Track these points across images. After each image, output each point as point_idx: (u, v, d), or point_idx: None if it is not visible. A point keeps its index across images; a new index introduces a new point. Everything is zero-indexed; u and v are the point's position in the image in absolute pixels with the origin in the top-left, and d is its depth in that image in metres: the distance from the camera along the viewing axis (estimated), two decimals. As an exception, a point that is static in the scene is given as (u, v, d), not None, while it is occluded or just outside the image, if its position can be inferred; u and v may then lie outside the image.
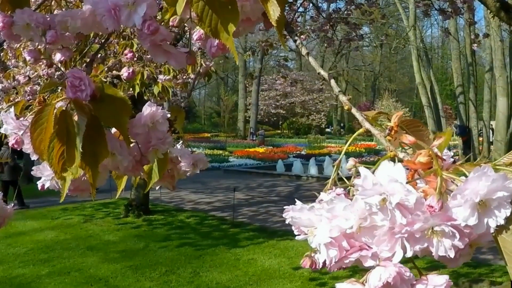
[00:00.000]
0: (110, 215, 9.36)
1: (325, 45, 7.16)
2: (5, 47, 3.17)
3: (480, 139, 19.41)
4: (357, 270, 0.70)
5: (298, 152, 22.06)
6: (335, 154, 20.31)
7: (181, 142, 1.14)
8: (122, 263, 6.31)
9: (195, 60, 0.75)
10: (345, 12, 6.32)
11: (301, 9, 6.39)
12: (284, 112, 38.71)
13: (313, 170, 15.63)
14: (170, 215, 9.33)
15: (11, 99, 3.04)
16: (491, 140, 18.91)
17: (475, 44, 7.67)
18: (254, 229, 8.18)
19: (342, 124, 43.66)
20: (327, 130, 41.25)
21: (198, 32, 0.76)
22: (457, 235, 0.58)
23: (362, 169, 0.61)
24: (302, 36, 5.88)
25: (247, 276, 5.79)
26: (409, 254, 0.60)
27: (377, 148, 22.37)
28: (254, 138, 31.04)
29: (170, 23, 0.70)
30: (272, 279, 5.67)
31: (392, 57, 43.20)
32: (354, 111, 0.72)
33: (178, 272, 5.95)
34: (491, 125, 19.60)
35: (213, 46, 0.74)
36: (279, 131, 39.98)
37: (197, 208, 10.17)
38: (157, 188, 1.11)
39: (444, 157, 0.68)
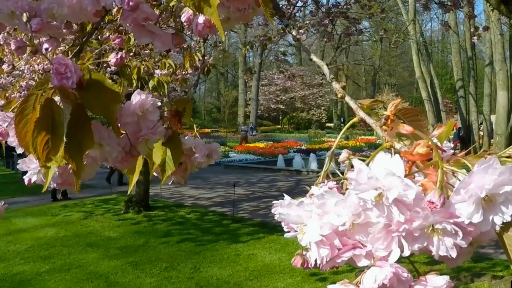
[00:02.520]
0: (110, 211, 9.34)
1: (325, 39, 7.12)
2: (1, 43, 3.14)
3: (480, 133, 19.39)
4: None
5: (298, 147, 22.03)
6: (335, 149, 20.25)
7: (190, 134, 1.09)
8: (122, 259, 6.30)
9: (182, 40, 0.72)
10: (345, 7, 6.29)
11: (299, 4, 6.35)
12: (284, 107, 38.69)
13: (313, 165, 15.61)
14: (171, 211, 9.32)
15: (7, 95, 3.01)
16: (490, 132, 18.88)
17: (475, 37, 7.63)
18: (255, 224, 8.17)
19: (342, 119, 43.62)
20: (329, 124, 41.19)
21: (186, 13, 0.74)
22: (460, 234, 0.53)
23: (355, 161, 0.56)
24: (301, 31, 5.85)
25: (247, 272, 5.78)
26: (407, 253, 0.55)
27: (377, 142, 22.34)
28: (254, 134, 30.98)
29: (150, -5, 0.68)
30: (272, 274, 5.66)
31: (392, 52, 43.11)
32: (347, 99, 0.68)
33: (179, 268, 5.93)
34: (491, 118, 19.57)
35: (199, 24, 0.71)
36: (279, 126, 39.98)
37: (198, 204, 10.16)
38: (169, 183, 1.05)
39: (444, 149, 0.63)
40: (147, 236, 7.47)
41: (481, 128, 19.48)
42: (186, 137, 1.06)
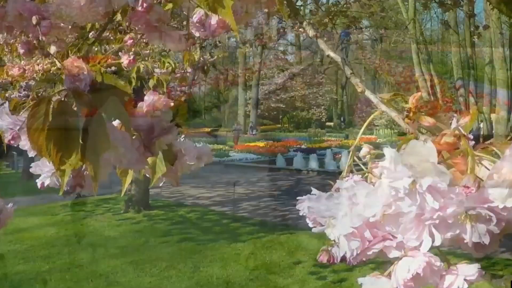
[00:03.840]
0: (110, 210, 9.34)
1: (325, 38, 7.13)
2: (1, 42, 3.14)
3: (481, 132, 19.38)
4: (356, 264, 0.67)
5: (298, 146, 21.99)
6: (335, 148, 20.27)
7: (183, 136, 1.10)
8: (122, 259, 6.29)
9: (194, 42, 0.72)
10: (344, 5, 6.29)
11: (299, 3, 6.35)
12: (284, 106, 38.63)
13: (313, 164, 15.61)
14: (171, 210, 9.31)
15: (7, 95, 3.01)
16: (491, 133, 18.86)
17: (475, 36, 7.64)
18: (255, 223, 8.17)
19: (342, 118, 43.59)
20: (329, 123, 41.13)
21: (198, 14, 0.74)
22: (494, 219, 0.53)
23: (387, 150, 0.56)
24: (301, 29, 5.85)
25: (247, 271, 5.78)
26: (438, 242, 0.55)
27: (377, 141, 22.29)
28: (254, 133, 30.92)
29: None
30: (272, 274, 5.66)
31: (392, 51, 43.07)
32: (368, 93, 0.68)
33: (179, 267, 5.93)
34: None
35: (212, 25, 0.71)
36: (279, 125, 39.95)
37: (198, 203, 10.16)
38: (160, 184, 1.06)
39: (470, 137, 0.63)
40: (147, 235, 7.47)
41: (481, 127, 19.47)
42: (177, 140, 1.05)
